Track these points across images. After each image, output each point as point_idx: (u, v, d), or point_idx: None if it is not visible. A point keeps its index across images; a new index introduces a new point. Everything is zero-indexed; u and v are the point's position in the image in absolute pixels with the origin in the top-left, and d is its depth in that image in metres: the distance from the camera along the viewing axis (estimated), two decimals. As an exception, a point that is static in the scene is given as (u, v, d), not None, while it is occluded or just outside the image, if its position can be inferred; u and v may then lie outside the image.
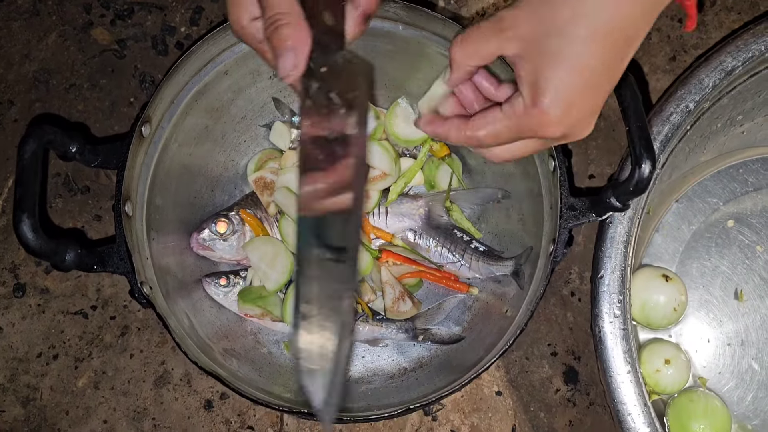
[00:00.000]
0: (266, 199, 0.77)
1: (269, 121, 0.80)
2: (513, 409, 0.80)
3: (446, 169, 0.79)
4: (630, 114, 0.57)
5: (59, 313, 0.82)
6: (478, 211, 0.81)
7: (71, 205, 0.84)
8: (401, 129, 0.78)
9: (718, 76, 0.66)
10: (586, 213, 0.62)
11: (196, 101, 0.70)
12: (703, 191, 0.84)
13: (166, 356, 0.81)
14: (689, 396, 0.76)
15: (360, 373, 0.78)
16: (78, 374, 0.81)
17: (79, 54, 0.88)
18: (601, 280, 0.64)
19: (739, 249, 0.83)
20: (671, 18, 0.90)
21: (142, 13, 0.88)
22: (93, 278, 0.83)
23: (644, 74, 0.88)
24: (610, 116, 0.87)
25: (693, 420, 0.74)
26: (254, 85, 0.75)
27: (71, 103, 0.86)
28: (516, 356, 0.81)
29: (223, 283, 0.76)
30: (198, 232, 0.75)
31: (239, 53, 0.70)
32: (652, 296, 0.77)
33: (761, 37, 0.67)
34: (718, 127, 0.78)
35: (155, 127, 0.67)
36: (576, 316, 0.82)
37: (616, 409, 0.62)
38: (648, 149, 0.55)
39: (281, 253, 0.75)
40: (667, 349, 0.76)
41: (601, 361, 0.63)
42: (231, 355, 0.72)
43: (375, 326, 0.77)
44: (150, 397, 0.80)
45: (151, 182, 0.68)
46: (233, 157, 0.80)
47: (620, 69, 0.46)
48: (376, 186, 0.78)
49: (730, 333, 0.81)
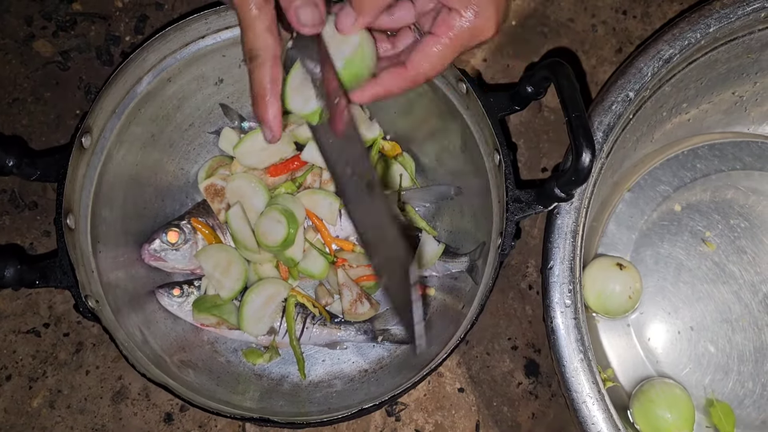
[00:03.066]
0: (217, 206, 0.76)
1: (218, 127, 0.79)
2: (476, 405, 0.80)
3: (398, 168, 0.79)
4: (568, 104, 0.57)
5: (10, 333, 0.80)
6: (432, 209, 0.81)
7: (18, 222, 0.82)
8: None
9: (657, 64, 0.67)
10: (532, 205, 0.62)
11: (140, 110, 0.69)
12: (653, 180, 0.86)
13: (123, 371, 0.79)
14: (652, 385, 0.77)
15: (320, 376, 0.77)
16: (32, 394, 0.79)
17: (21, 67, 0.86)
18: (550, 271, 0.64)
19: (691, 235, 0.84)
20: (616, 11, 0.91)
21: (85, 24, 0.87)
22: (44, 295, 0.81)
23: (591, 67, 0.90)
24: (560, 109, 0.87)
25: (658, 408, 0.75)
26: (200, 92, 0.75)
27: (15, 118, 0.85)
28: (477, 352, 0.81)
29: (176, 293, 0.75)
30: (149, 243, 0.74)
31: (182, 59, 0.70)
32: (608, 285, 0.78)
33: (696, 25, 0.68)
34: (663, 116, 0.79)
35: (96, 137, 0.66)
36: (535, 309, 0.83)
37: (570, 398, 0.62)
38: (587, 138, 0.56)
39: (235, 261, 0.75)
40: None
41: (554, 351, 0.63)
42: (188, 366, 0.71)
43: (333, 329, 0.77)
44: (108, 414, 0.78)
45: (95, 194, 0.66)
46: (183, 166, 0.79)
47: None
48: (331, 187, 0.77)
49: (686, 318, 0.82)
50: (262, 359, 0.76)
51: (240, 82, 0.76)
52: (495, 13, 0.50)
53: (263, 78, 0.46)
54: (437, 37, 0.50)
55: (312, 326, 0.76)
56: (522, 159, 0.87)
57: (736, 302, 0.82)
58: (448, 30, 0.50)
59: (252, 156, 0.76)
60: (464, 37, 0.50)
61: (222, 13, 0.67)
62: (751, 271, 0.83)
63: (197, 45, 0.69)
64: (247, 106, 0.80)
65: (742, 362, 0.81)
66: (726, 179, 0.86)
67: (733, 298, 0.82)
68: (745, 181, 0.85)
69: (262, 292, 0.74)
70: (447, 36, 0.50)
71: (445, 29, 0.50)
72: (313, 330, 0.76)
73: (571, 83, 0.58)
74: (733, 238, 0.84)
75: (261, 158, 0.76)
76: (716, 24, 0.68)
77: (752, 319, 0.81)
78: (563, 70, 0.58)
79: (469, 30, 0.50)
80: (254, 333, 0.74)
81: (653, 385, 0.77)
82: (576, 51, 0.90)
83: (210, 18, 0.67)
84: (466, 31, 0.50)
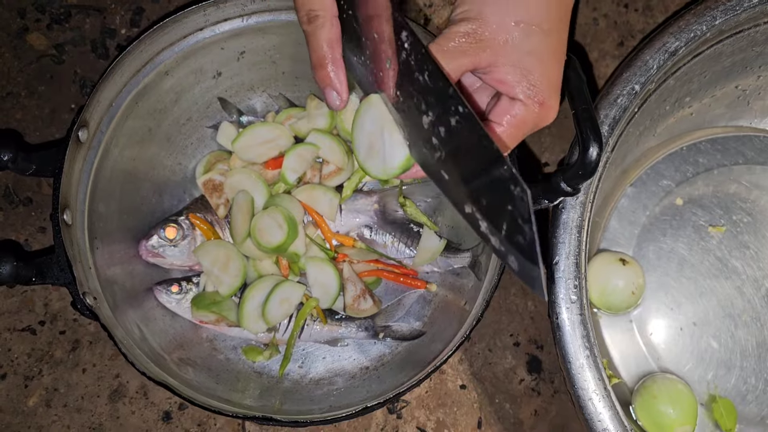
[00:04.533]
0: (216, 201, 0.75)
1: (216, 121, 0.78)
2: (478, 402, 0.79)
3: (399, 163, 0.78)
4: (575, 97, 0.56)
5: (5, 331, 0.79)
6: (433, 204, 0.80)
7: (13, 218, 0.81)
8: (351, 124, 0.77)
9: (662, 57, 0.66)
10: (538, 199, 0.62)
11: (137, 103, 0.68)
12: (656, 174, 0.85)
13: (121, 369, 0.78)
14: (654, 381, 0.77)
15: (321, 374, 0.76)
16: (28, 393, 0.77)
17: (15, 61, 0.84)
18: (556, 266, 0.63)
19: (694, 230, 0.83)
20: (617, 4, 0.91)
21: (80, 17, 0.86)
22: (40, 292, 0.80)
23: (594, 60, 0.89)
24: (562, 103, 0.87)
25: (660, 404, 0.75)
26: (198, 85, 0.73)
27: (9, 112, 0.83)
28: (479, 348, 0.81)
29: (175, 290, 0.73)
30: (146, 239, 0.73)
31: (180, 52, 0.68)
32: (611, 281, 0.77)
33: (702, 17, 0.67)
34: (666, 110, 0.79)
35: (93, 131, 0.65)
36: (537, 305, 0.82)
37: (576, 395, 0.61)
38: (594, 131, 0.55)
39: (234, 257, 0.73)
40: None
41: (559, 347, 0.62)
42: (186, 364, 0.70)
43: (334, 326, 0.76)
44: (105, 412, 0.77)
45: (92, 189, 0.65)
46: (180, 161, 0.78)
47: (567, 40, 0.50)
48: (330, 182, 0.76)
49: (689, 313, 0.81)
50: (261, 357, 0.75)
51: (239, 75, 0.75)
52: (556, 100, 0.48)
53: (324, 41, 0.45)
54: (502, 126, 0.48)
55: (313, 323, 0.75)
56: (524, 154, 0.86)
57: (739, 297, 0.82)
58: (510, 119, 0.48)
59: (251, 150, 0.75)
60: (527, 128, 0.48)
61: (221, 4, 0.66)
62: (754, 266, 0.82)
63: (195, 37, 0.68)
64: (245, 100, 0.79)
65: (744, 358, 0.80)
66: (728, 174, 0.85)
67: (735, 293, 0.82)
68: (747, 176, 0.85)
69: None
70: (509, 124, 0.48)
71: (507, 119, 0.48)
72: (314, 327, 0.75)
73: (578, 75, 0.57)
74: (735, 233, 0.83)
75: (260, 152, 0.75)
76: (722, 16, 0.67)
77: (755, 315, 0.81)
78: (570, 62, 0.57)
79: (533, 122, 0.48)
80: (254, 330, 0.73)
81: (655, 381, 0.77)
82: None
83: (208, 10, 0.66)
84: (531, 123, 0.48)
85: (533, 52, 0.46)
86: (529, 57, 0.46)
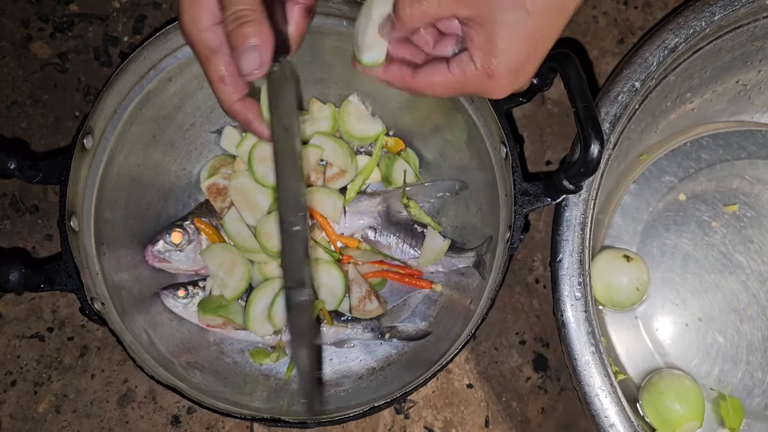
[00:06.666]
0: (220, 205, 0.75)
1: (219, 126, 0.78)
2: (485, 401, 0.79)
3: (402, 164, 0.78)
4: (575, 95, 0.57)
5: (14, 338, 0.79)
6: (437, 204, 0.80)
7: (20, 226, 0.82)
8: (354, 126, 0.77)
9: (662, 53, 0.67)
10: (541, 197, 0.62)
11: (141, 110, 0.69)
12: (658, 170, 0.85)
13: (129, 374, 0.79)
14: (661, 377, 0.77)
15: (328, 375, 0.76)
16: (38, 399, 0.78)
17: (19, 70, 0.85)
18: (560, 264, 0.63)
19: (697, 225, 0.84)
20: (617, 1, 0.91)
21: (83, 25, 0.86)
22: (48, 299, 0.80)
23: (594, 58, 0.89)
24: (563, 102, 0.87)
25: (668, 400, 0.75)
26: (201, 91, 0.74)
27: (14, 121, 0.84)
28: (485, 347, 0.81)
29: (181, 294, 0.74)
30: (152, 244, 0.73)
31: (183, 58, 0.69)
32: (615, 277, 0.77)
33: (701, 13, 0.67)
34: (668, 106, 0.79)
35: (98, 138, 0.65)
36: (542, 303, 0.82)
37: (582, 392, 0.61)
38: (595, 128, 0.55)
39: (239, 261, 0.74)
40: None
41: (565, 344, 0.62)
42: (194, 368, 0.70)
43: (340, 327, 0.76)
44: (114, 417, 0.78)
45: (98, 195, 0.66)
46: (185, 166, 0.79)
47: (556, 36, 0.50)
48: (334, 184, 0.77)
49: (694, 308, 0.81)
50: (269, 359, 0.75)
51: (241, 80, 0.76)
52: (511, 80, 0.49)
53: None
54: (448, 73, 0.50)
55: (319, 325, 0.75)
56: (526, 152, 0.86)
57: (744, 292, 0.82)
58: (459, 73, 0.50)
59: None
60: (469, 88, 0.50)
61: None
62: (758, 261, 0.82)
63: (198, 43, 0.69)
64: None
65: (751, 352, 0.80)
66: (731, 169, 0.85)
67: (740, 287, 0.82)
68: (750, 170, 0.85)
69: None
70: (456, 76, 0.50)
71: (457, 71, 0.50)
72: (321, 329, 0.75)
73: (578, 74, 0.57)
74: (739, 227, 0.83)
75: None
76: (721, 12, 0.67)
77: (760, 309, 0.81)
78: (570, 61, 0.58)
79: (476, 88, 0.50)
80: (261, 333, 0.74)
81: (662, 377, 0.77)
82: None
83: (210, 15, 0.66)
84: (473, 88, 0.50)
85: (506, 26, 0.47)
86: (501, 29, 0.47)
